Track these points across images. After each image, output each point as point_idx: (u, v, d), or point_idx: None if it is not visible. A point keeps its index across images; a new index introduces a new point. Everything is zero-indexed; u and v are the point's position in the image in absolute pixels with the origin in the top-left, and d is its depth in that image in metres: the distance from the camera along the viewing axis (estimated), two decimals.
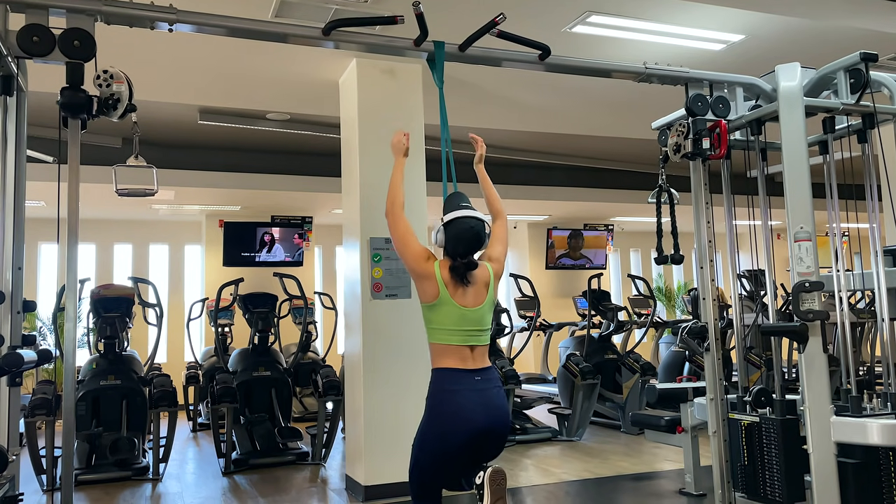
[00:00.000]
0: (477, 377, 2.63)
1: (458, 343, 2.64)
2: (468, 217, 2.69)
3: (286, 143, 8.07)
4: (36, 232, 9.08)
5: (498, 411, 2.62)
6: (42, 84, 3.75)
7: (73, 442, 2.59)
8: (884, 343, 3.32)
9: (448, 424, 2.59)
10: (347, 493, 5.13)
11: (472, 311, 2.67)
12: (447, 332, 2.64)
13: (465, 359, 2.64)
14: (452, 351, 2.64)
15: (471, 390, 2.59)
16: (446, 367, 2.63)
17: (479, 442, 2.60)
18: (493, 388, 2.64)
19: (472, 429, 2.57)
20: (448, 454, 2.62)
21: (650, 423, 5.11)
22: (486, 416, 2.58)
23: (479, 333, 2.69)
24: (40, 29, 2.61)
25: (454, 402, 2.58)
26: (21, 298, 2.79)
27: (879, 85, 3.51)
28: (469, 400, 2.58)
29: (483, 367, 2.67)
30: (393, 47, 3.27)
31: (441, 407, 2.61)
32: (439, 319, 2.65)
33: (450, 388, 2.60)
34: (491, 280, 2.75)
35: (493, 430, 2.60)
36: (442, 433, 2.61)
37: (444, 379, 2.63)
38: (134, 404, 5.98)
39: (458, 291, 2.66)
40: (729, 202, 3.78)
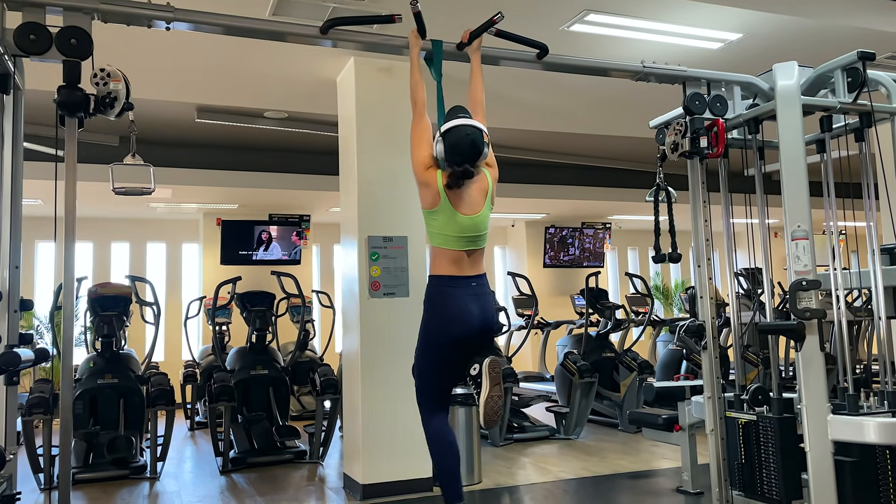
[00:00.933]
0: (473, 283, 2.86)
1: (455, 248, 2.83)
2: (465, 125, 2.85)
3: (284, 141, 8.06)
4: (33, 230, 9.03)
5: (489, 314, 2.90)
6: (39, 82, 3.74)
7: (70, 441, 2.59)
8: (880, 341, 3.32)
9: (447, 323, 2.83)
10: (345, 491, 5.13)
11: (471, 218, 2.85)
12: (445, 237, 2.82)
13: (461, 265, 2.84)
14: (450, 256, 2.83)
15: (467, 295, 2.82)
16: (444, 274, 2.83)
17: (473, 341, 2.86)
18: (486, 293, 2.90)
19: (469, 329, 2.82)
20: (447, 350, 2.86)
21: (648, 422, 5.12)
22: (481, 319, 2.84)
23: (476, 239, 2.87)
24: (37, 27, 2.60)
25: (452, 306, 2.81)
26: (18, 297, 2.78)
27: (877, 84, 3.51)
28: (466, 303, 2.81)
29: (478, 273, 2.89)
30: (391, 46, 3.27)
31: (440, 310, 2.84)
32: (439, 225, 2.83)
33: (448, 292, 2.82)
34: (490, 186, 2.92)
35: (485, 330, 2.88)
36: (441, 331, 2.85)
37: (441, 284, 2.84)
38: (131, 403, 5.97)
39: (457, 199, 2.81)
40: (726, 201, 3.78)
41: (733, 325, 3.79)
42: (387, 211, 5.05)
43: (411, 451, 4.96)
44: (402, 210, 5.03)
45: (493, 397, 2.76)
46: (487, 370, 2.77)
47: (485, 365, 2.78)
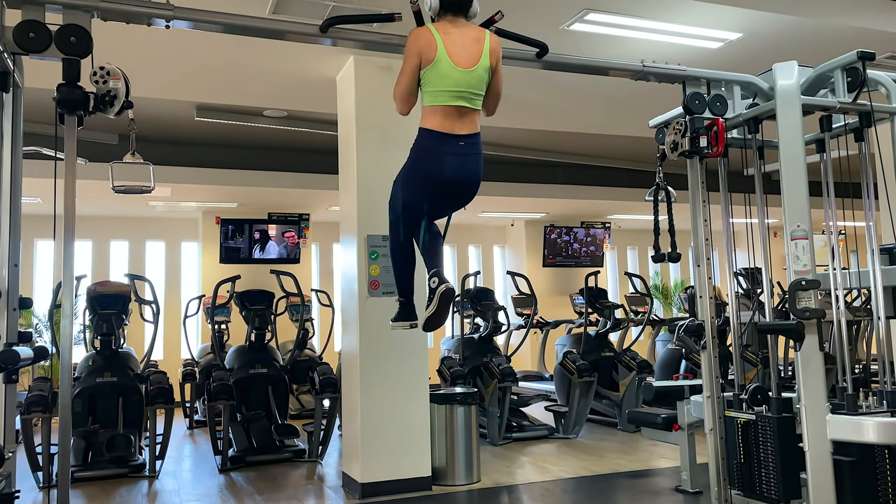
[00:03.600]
0: (461, 142, 2.90)
1: (448, 103, 2.86)
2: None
3: (283, 140, 8.06)
4: (32, 228, 9.04)
5: (473, 171, 2.96)
6: (38, 80, 3.74)
7: (69, 439, 2.59)
8: (880, 341, 3.33)
9: (426, 175, 2.93)
10: (344, 490, 5.13)
11: (467, 71, 2.86)
12: (439, 92, 2.86)
13: (453, 122, 2.88)
14: (442, 112, 2.87)
15: (453, 153, 2.89)
16: (433, 129, 2.89)
17: (451, 190, 2.96)
18: (473, 153, 2.95)
19: (446, 181, 2.92)
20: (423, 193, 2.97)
21: (647, 421, 5.12)
22: (459, 174, 2.92)
23: (470, 96, 2.90)
24: (37, 25, 2.60)
25: (434, 161, 2.89)
26: (17, 295, 2.78)
27: (876, 83, 3.51)
28: (449, 161, 2.89)
29: (469, 132, 2.93)
30: (391, 45, 3.27)
31: (422, 162, 2.93)
32: (434, 80, 2.85)
33: (434, 147, 2.89)
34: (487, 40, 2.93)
35: (463, 183, 2.96)
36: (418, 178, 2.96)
37: (429, 138, 2.90)
38: (130, 401, 5.97)
39: (453, 47, 2.84)
40: (726, 200, 3.78)
41: (733, 325, 3.79)
42: (386, 210, 5.02)
43: (410, 449, 4.97)
44: None
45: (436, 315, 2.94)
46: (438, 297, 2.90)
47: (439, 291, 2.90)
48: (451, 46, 2.85)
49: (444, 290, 2.93)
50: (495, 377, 6.56)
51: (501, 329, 7.62)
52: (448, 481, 5.16)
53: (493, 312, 7.28)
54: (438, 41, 2.83)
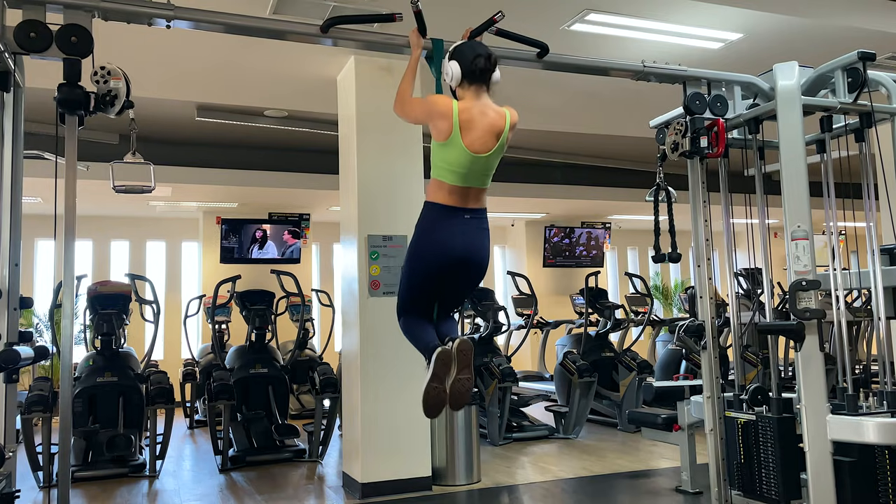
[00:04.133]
0: (467, 215, 2.82)
1: (457, 183, 2.78)
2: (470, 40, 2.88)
3: (284, 140, 8.06)
4: (33, 228, 9.00)
5: (477, 247, 2.85)
6: (39, 80, 3.74)
7: (69, 439, 2.59)
8: (880, 341, 3.32)
9: (430, 249, 2.80)
10: (344, 490, 5.13)
11: (480, 157, 2.77)
12: (450, 171, 2.76)
13: (458, 198, 2.80)
14: (450, 189, 2.79)
15: (458, 226, 2.79)
16: (439, 203, 2.80)
17: (457, 269, 2.82)
18: (479, 228, 2.86)
19: (451, 257, 2.79)
20: (429, 273, 2.83)
21: (647, 421, 5.12)
22: (464, 249, 2.80)
23: (481, 177, 2.82)
24: (37, 25, 2.60)
25: (439, 235, 2.79)
26: (18, 295, 2.78)
27: (877, 84, 3.51)
28: (453, 234, 2.78)
29: (476, 207, 2.85)
30: (391, 45, 3.27)
31: (427, 236, 2.82)
32: (446, 158, 2.76)
33: (439, 220, 2.80)
34: (506, 127, 2.82)
35: (469, 260, 2.83)
36: (424, 255, 2.82)
37: (434, 211, 2.81)
38: (131, 401, 5.97)
39: (469, 133, 2.73)
40: (726, 200, 3.78)
41: (733, 325, 3.79)
42: (387, 210, 5.05)
43: (410, 449, 4.97)
44: (401, 209, 5.03)
45: (462, 380, 2.65)
46: (456, 353, 2.65)
47: (454, 347, 2.66)
48: (468, 130, 2.72)
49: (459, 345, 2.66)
50: (495, 377, 6.56)
51: (502, 329, 7.62)
52: (448, 481, 5.16)
53: (493, 313, 7.28)
54: (455, 124, 2.71)
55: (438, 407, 2.68)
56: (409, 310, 2.94)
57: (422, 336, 2.85)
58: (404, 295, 2.94)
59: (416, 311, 2.92)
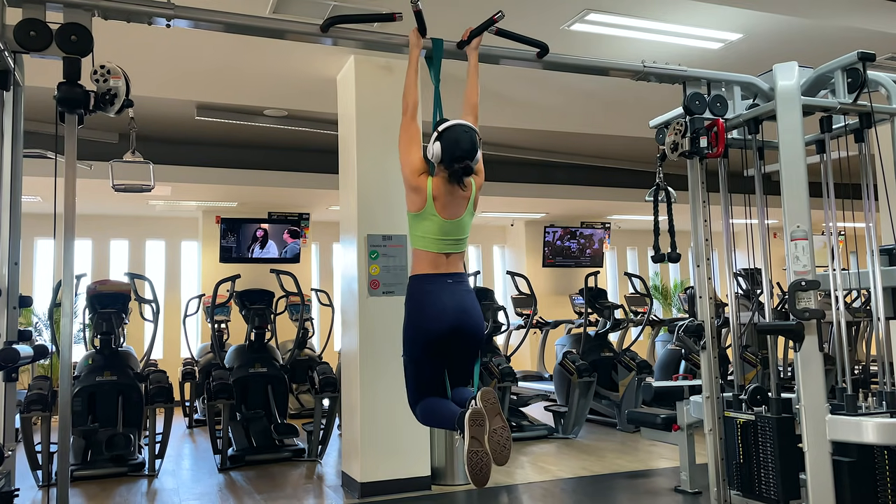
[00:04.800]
0: (449, 280, 2.88)
1: (435, 250, 2.88)
2: (462, 123, 2.88)
3: (283, 139, 8.06)
4: (32, 227, 9.04)
5: (468, 311, 2.85)
6: (39, 79, 3.73)
7: (68, 438, 2.59)
8: (879, 342, 3.33)
9: (423, 321, 2.83)
10: (343, 489, 5.13)
11: (453, 223, 2.89)
12: (427, 239, 2.88)
13: (439, 265, 2.88)
14: (430, 258, 2.88)
15: (443, 291, 2.84)
16: (422, 274, 2.88)
17: (454, 337, 2.82)
18: (463, 290, 2.89)
19: (445, 323, 2.79)
20: (427, 346, 2.83)
21: (646, 421, 5.12)
22: (455, 313, 2.81)
23: (456, 243, 2.92)
24: (37, 23, 2.60)
25: (428, 302, 2.83)
26: (17, 294, 2.78)
27: (877, 84, 3.51)
28: (441, 299, 2.83)
29: (455, 272, 2.92)
30: (391, 44, 3.27)
31: (417, 307, 2.86)
32: (422, 228, 2.88)
33: (425, 289, 2.86)
34: (473, 192, 2.93)
35: (464, 326, 2.83)
36: (419, 328, 2.84)
37: (419, 282, 2.88)
38: (130, 400, 5.97)
39: (441, 206, 2.86)
40: (726, 201, 3.78)
41: (732, 325, 3.79)
42: (386, 209, 5.05)
43: (410, 449, 4.97)
44: (401, 208, 4.98)
45: (497, 430, 2.52)
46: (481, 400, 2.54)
47: (478, 396, 2.56)
48: (440, 201, 2.85)
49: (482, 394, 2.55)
50: (495, 377, 6.56)
51: (501, 329, 7.62)
52: (447, 481, 5.16)
53: (493, 312, 7.28)
54: (429, 198, 2.85)
55: (486, 471, 2.56)
56: (422, 394, 2.91)
57: (441, 413, 2.79)
58: (413, 380, 2.92)
59: (428, 394, 2.89)
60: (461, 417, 2.56)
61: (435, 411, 2.86)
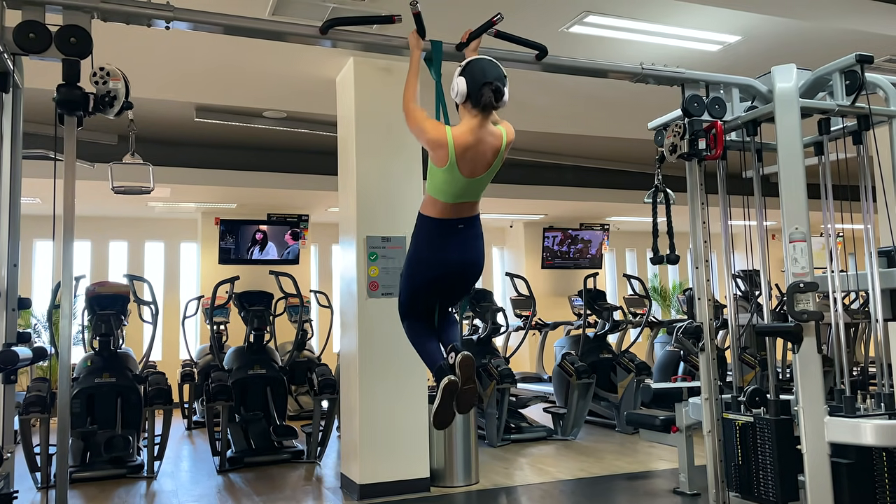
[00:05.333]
0: (461, 225, 2.89)
1: (451, 201, 2.85)
2: (483, 57, 2.86)
3: (283, 141, 8.06)
4: (31, 229, 9.03)
5: (474, 253, 2.91)
6: (38, 81, 3.74)
7: (67, 439, 2.59)
8: (877, 344, 3.33)
9: (426, 262, 2.90)
10: (342, 491, 5.13)
11: (474, 181, 2.83)
12: (446, 193, 2.83)
13: (452, 212, 2.87)
14: (444, 206, 2.86)
15: (452, 235, 2.87)
16: (433, 217, 2.87)
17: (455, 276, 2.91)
18: (473, 235, 2.91)
19: (449, 266, 2.87)
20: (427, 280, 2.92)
21: (645, 423, 5.13)
22: (462, 257, 2.88)
23: (475, 194, 2.89)
24: (37, 25, 2.61)
25: (434, 247, 2.87)
26: (16, 295, 2.78)
27: (875, 86, 3.52)
28: (449, 245, 2.86)
29: (469, 216, 2.91)
30: (390, 46, 3.27)
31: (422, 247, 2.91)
32: (443, 181, 2.81)
33: (433, 232, 2.87)
34: (502, 147, 2.87)
35: (466, 267, 2.90)
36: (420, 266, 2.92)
37: (428, 224, 2.89)
38: (129, 402, 5.97)
39: (466, 159, 2.76)
40: (724, 202, 3.79)
41: (731, 327, 3.79)
42: (385, 211, 5.05)
43: (409, 451, 4.97)
44: (400, 210, 5.04)
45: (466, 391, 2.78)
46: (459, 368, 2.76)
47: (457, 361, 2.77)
48: (464, 159, 2.73)
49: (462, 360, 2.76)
50: (494, 378, 6.56)
51: (500, 330, 7.62)
52: (446, 483, 5.16)
53: (491, 314, 7.28)
54: (451, 153, 2.72)
55: (448, 422, 2.83)
56: (411, 313, 3.05)
57: (426, 350, 2.98)
58: (405, 301, 3.05)
59: (417, 315, 3.04)
60: (439, 374, 2.80)
61: (421, 344, 3.01)
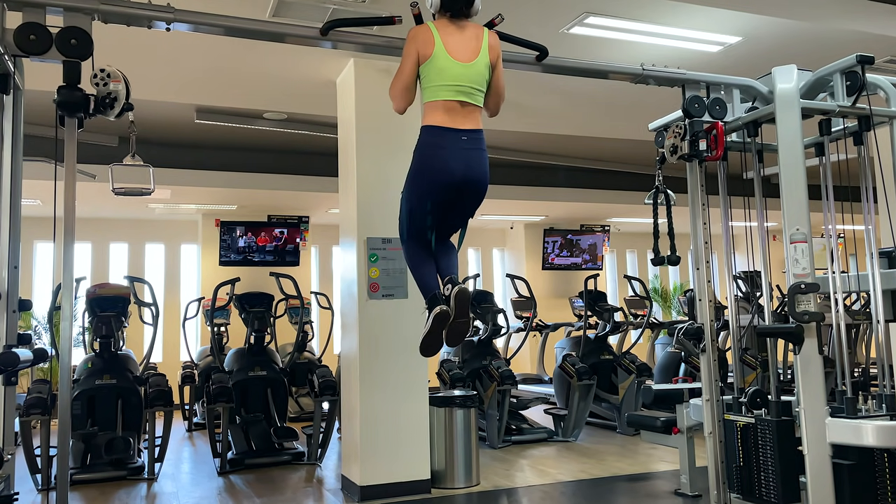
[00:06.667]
0: (464, 137, 2.83)
1: (448, 98, 2.80)
2: None
3: (283, 142, 8.06)
4: (32, 230, 9.06)
5: (478, 168, 2.87)
6: (39, 82, 3.74)
7: (68, 441, 2.59)
8: (879, 345, 3.33)
9: (429, 177, 2.83)
10: (343, 493, 5.13)
11: (466, 66, 2.83)
12: (439, 87, 2.81)
13: (454, 117, 2.82)
14: (443, 107, 2.81)
15: (456, 148, 2.81)
16: (435, 125, 2.81)
17: (458, 191, 2.85)
18: (476, 149, 2.87)
19: (452, 179, 2.81)
20: (429, 195, 2.86)
21: (646, 424, 5.12)
22: (465, 171, 2.83)
23: (471, 91, 2.85)
24: (37, 27, 2.61)
25: (438, 157, 2.80)
26: (17, 297, 2.78)
27: (875, 87, 3.51)
28: (452, 156, 2.80)
29: (472, 128, 2.86)
30: (391, 47, 3.27)
31: (426, 159, 2.84)
32: (433, 75, 2.81)
33: (436, 142, 2.81)
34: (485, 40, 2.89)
35: (470, 182, 2.85)
36: (423, 182, 2.86)
37: (432, 134, 2.82)
38: (129, 404, 5.97)
39: (451, 41, 2.80)
40: (725, 204, 3.78)
41: (732, 328, 3.79)
42: (386, 212, 5.05)
43: (409, 452, 4.96)
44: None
45: (458, 323, 2.78)
46: (454, 304, 2.77)
47: (452, 293, 2.78)
48: (449, 42, 2.83)
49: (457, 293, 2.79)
50: (494, 380, 6.56)
51: (501, 332, 7.61)
52: (447, 484, 5.15)
53: (492, 315, 7.28)
54: (436, 37, 2.82)
55: (435, 349, 2.84)
56: (411, 235, 3.00)
57: (423, 276, 2.95)
58: (405, 221, 2.99)
59: (417, 237, 2.98)
60: (433, 302, 2.79)
61: (419, 269, 2.98)
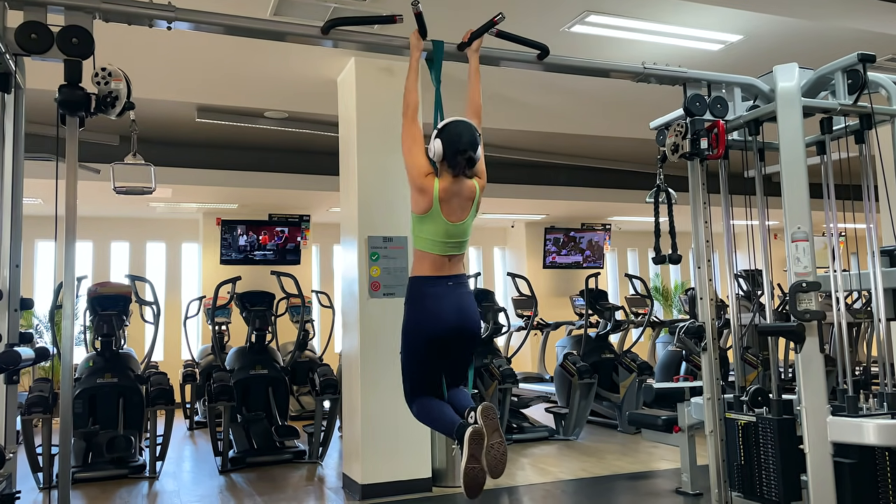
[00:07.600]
0: (449, 282, 2.89)
1: (439, 253, 2.88)
2: (460, 118, 2.91)
3: (284, 141, 8.06)
4: (33, 229, 9.01)
5: (467, 312, 2.89)
6: (40, 81, 3.74)
7: (69, 440, 2.59)
8: (880, 343, 3.33)
9: (423, 322, 2.85)
10: (344, 491, 5.13)
11: (457, 225, 2.89)
12: (432, 242, 2.88)
13: (441, 267, 2.89)
14: (433, 260, 2.88)
15: (443, 293, 2.86)
16: (423, 275, 2.89)
17: (452, 339, 2.85)
18: (462, 293, 2.91)
19: (444, 325, 2.83)
20: (426, 347, 2.86)
21: (647, 423, 5.12)
22: (456, 316, 2.85)
23: (458, 245, 2.93)
24: (38, 26, 2.61)
25: (429, 304, 2.85)
26: (18, 296, 2.78)
27: (877, 86, 3.51)
28: (441, 302, 2.85)
29: (456, 273, 2.93)
30: (392, 46, 3.27)
31: (417, 309, 2.88)
32: (427, 230, 2.88)
33: (426, 291, 2.87)
34: (477, 194, 2.95)
35: (463, 328, 2.87)
36: (419, 329, 2.86)
37: (420, 284, 2.89)
38: (131, 402, 5.97)
39: (447, 207, 2.87)
40: (726, 202, 3.78)
41: (733, 327, 3.79)
42: (387, 211, 5.05)
43: (410, 451, 4.97)
44: (401, 210, 5.03)
45: (494, 445, 2.56)
46: (481, 417, 2.59)
47: (478, 411, 2.61)
48: (446, 205, 2.87)
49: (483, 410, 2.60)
50: (496, 378, 6.56)
51: (502, 330, 7.62)
52: (448, 483, 5.16)
53: (493, 314, 7.27)
54: (436, 200, 2.85)
55: (480, 484, 2.59)
56: (418, 392, 2.94)
57: (440, 417, 2.85)
58: (408, 377, 2.95)
59: (425, 392, 2.93)
60: (461, 430, 2.63)
61: (432, 414, 2.90)
